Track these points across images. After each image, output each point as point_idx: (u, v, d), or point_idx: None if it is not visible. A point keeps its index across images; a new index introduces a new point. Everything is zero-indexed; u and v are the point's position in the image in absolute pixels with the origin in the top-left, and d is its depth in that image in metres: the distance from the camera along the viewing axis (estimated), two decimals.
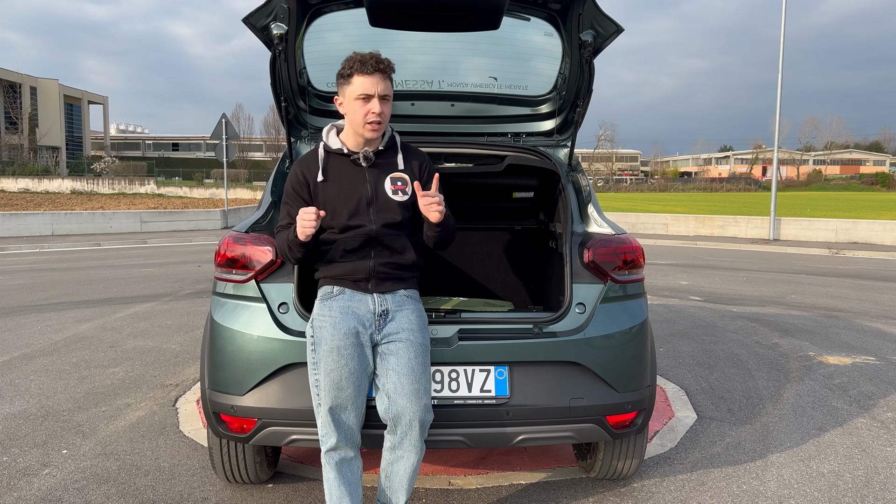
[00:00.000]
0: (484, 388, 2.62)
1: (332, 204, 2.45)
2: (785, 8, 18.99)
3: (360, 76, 2.34)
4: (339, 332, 2.39)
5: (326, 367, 2.37)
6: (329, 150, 2.52)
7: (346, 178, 2.48)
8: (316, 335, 2.43)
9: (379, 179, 2.49)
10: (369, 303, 2.45)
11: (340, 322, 2.40)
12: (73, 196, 37.62)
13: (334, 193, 2.47)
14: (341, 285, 2.47)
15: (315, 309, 2.49)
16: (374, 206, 2.46)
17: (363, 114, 2.36)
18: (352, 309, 2.43)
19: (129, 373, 5.13)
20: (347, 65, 2.37)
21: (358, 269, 2.46)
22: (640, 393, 2.78)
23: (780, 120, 20.68)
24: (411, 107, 3.55)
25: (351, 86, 2.36)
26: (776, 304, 8.58)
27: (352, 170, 2.49)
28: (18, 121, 53.83)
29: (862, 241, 18.68)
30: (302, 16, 3.03)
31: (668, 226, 22.70)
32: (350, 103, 2.39)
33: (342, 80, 2.39)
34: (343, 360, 2.37)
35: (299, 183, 2.50)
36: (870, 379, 5.13)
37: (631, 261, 2.88)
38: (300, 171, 2.51)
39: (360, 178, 2.48)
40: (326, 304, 2.46)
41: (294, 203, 2.49)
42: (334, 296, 2.46)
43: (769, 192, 23.34)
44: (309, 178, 2.49)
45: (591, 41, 2.90)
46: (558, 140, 3.53)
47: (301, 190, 2.49)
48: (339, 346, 2.38)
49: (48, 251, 15.53)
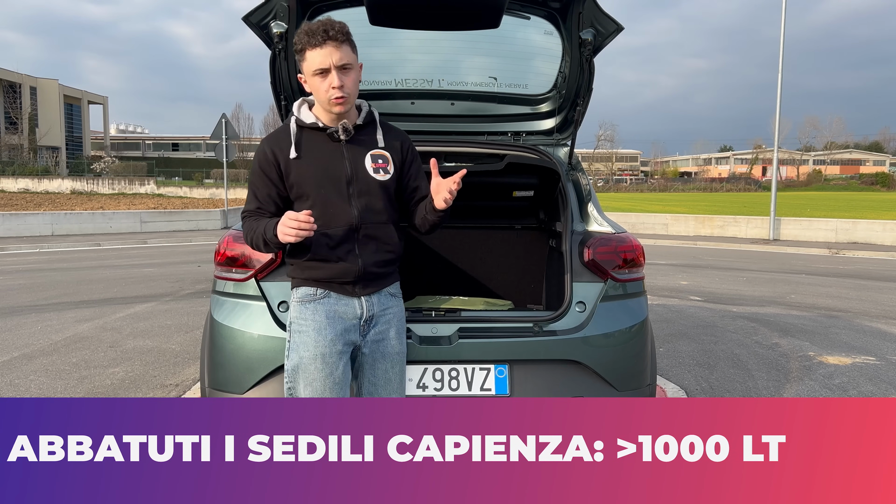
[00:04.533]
0: (484, 387, 2.62)
1: (305, 185, 2.25)
2: (785, 8, 18.99)
3: (312, 50, 2.15)
4: (325, 338, 2.24)
5: (308, 376, 2.23)
6: (302, 125, 2.29)
7: (323, 155, 2.27)
8: (295, 341, 2.28)
9: (358, 157, 2.30)
10: (356, 307, 2.31)
11: (326, 327, 2.25)
12: (73, 196, 37.64)
13: (309, 172, 2.25)
14: (326, 288, 2.29)
15: (294, 311, 2.31)
16: (353, 185, 2.27)
17: (325, 90, 2.18)
18: (338, 314, 2.29)
19: (129, 373, 5.13)
20: (298, 40, 2.17)
21: (347, 271, 2.28)
22: (640, 392, 2.78)
23: (780, 120, 20.70)
24: (411, 105, 3.55)
25: (306, 62, 2.17)
26: (776, 304, 8.58)
27: (328, 146, 2.28)
28: (18, 121, 53.83)
29: (862, 241, 18.68)
30: (302, 14, 3.03)
31: (668, 226, 22.70)
32: (311, 80, 2.20)
33: (299, 56, 2.20)
34: (328, 368, 2.24)
35: (268, 161, 2.26)
36: (870, 379, 5.12)
37: (631, 259, 2.88)
38: (269, 147, 2.28)
39: (337, 154, 2.28)
40: (309, 307, 2.28)
41: (262, 184, 2.28)
42: (318, 298, 2.29)
43: (769, 192, 23.35)
44: (279, 156, 2.26)
45: (591, 40, 2.90)
46: (558, 139, 3.53)
47: (270, 169, 2.26)
48: (324, 353, 2.24)
49: (48, 251, 15.52)
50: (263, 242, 2.21)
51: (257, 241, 2.23)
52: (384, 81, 3.49)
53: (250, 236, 2.26)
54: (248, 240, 2.27)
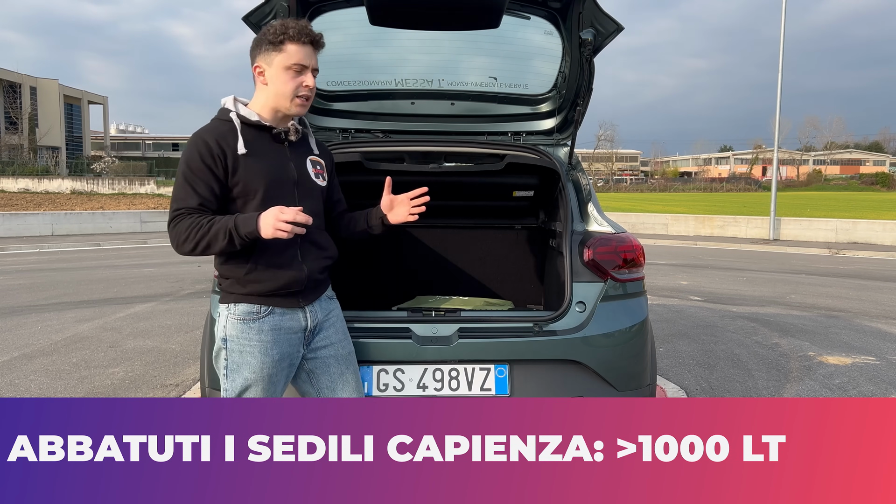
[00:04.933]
0: (484, 387, 2.62)
1: (254, 184, 2.11)
2: (785, 8, 19.00)
3: (295, 45, 2.10)
4: (272, 358, 2.15)
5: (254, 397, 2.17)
6: (247, 122, 2.15)
7: (270, 154, 2.18)
8: (234, 361, 2.15)
9: (301, 160, 2.26)
10: (301, 319, 2.23)
11: (272, 347, 2.15)
12: (73, 196, 37.62)
13: (258, 170, 2.12)
14: (269, 304, 2.16)
15: (232, 329, 2.16)
16: (298, 188, 2.21)
17: (294, 86, 2.12)
18: (283, 329, 2.18)
19: (129, 373, 5.13)
20: (278, 30, 2.10)
21: (294, 281, 2.17)
22: (640, 392, 2.78)
23: (780, 120, 20.71)
24: (411, 105, 3.55)
25: (283, 54, 2.10)
26: (776, 304, 8.58)
27: (272, 145, 2.19)
28: (18, 121, 53.81)
29: (862, 241, 18.68)
30: (302, 14, 3.03)
31: (668, 226, 22.71)
32: (279, 73, 2.12)
33: (270, 46, 2.11)
34: (274, 387, 2.18)
35: (213, 155, 2.07)
36: (870, 379, 5.12)
37: (631, 259, 2.88)
38: (213, 140, 2.09)
39: (283, 155, 2.21)
40: (253, 325, 2.14)
41: (204, 179, 2.07)
42: (262, 316, 2.15)
43: (769, 192, 23.36)
44: (227, 150, 2.09)
45: (591, 40, 2.90)
46: (558, 139, 3.53)
47: (215, 163, 2.07)
48: (270, 374, 2.16)
49: (48, 251, 15.52)
50: (227, 238, 2.00)
51: (214, 237, 2.01)
52: (384, 81, 3.50)
53: (199, 233, 2.01)
54: (194, 237, 2.02)
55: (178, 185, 2.08)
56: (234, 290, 2.16)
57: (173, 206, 2.07)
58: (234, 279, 2.15)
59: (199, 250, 2.03)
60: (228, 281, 2.17)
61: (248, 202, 2.13)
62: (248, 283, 2.14)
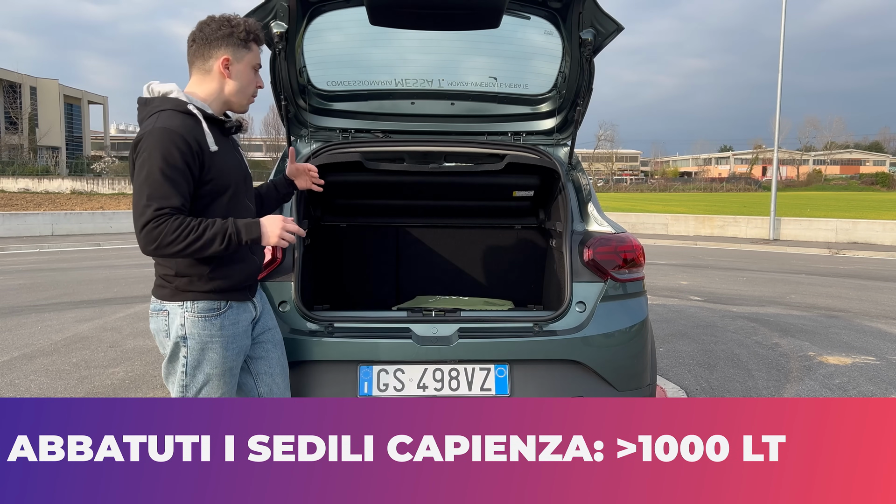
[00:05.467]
0: (484, 387, 2.62)
1: (224, 181, 2.11)
2: (785, 8, 19.00)
3: (259, 46, 2.21)
4: (232, 352, 2.18)
5: (213, 392, 2.17)
6: (205, 115, 2.13)
7: (229, 150, 2.20)
8: (195, 359, 2.14)
9: (243, 154, 2.33)
10: (252, 311, 2.28)
11: (232, 341, 2.18)
12: (73, 196, 37.63)
13: (228, 166, 2.13)
14: (227, 298, 2.17)
15: (193, 327, 2.13)
16: (246, 181, 2.26)
17: (254, 85, 2.22)
18: (240, 323, 2.21)
19: (129, 373, 5.13)
20: (249, 28, 2.14)
21: (249, 274, 2.22)
22: (640, 392, 2.78)
23: (780, 120, 20.71)
24: (411, 105, 3.55)
25: (252, 53, 2.17)
26: (776, 304, 8.58)
27: (225, 140, 2.20)
28: (18, 121, 53.82)
29: (862, 241, 18.68)
30: (302, 14, 3.03)
31: (668, 226, 22.71)
32: (246, 71, 2.17)
33: (241, 43, 2.14)
34: (233, 380, 2.22)
35: (192, 154, 2.01)
36: (870, 379, 5.12)
37: (631, 259, 2.88)
38: (191, 137, 2.01)
39: (235, 150, 2.27)
40: (214, 322, 2.14)
41: (185, 179, 2.00)
42: (222, 311, 2.15)
43: (769, 192, 23.36)
44: (203, 147, 2.05)
45: (592, 40, 2.90)
46: (558, 139, 3.53)
47: (194, 162, 2.02)
48: (231, 367, 2.19)
49: (48, 251, 15.53)
50: (225, 243, 2.00)
51: (210, 240, 1.98)
52: (384, 81, 3.50)
53: (191, 235, 1.96)
54: (185, 239, 1.95)
55: (156, 182, 1.95)
56: (194, 287, 2.12)
57: (153, 203, 1.94)
58: (195, 276, 2.11)
59: (186, 253, 1.98)
60: (186, 279, 2.11)
61: (217, 199, 2.11)
62: (210, 279, 2.12)
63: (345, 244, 4.13)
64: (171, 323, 2.15)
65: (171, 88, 2.10)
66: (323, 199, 3.89)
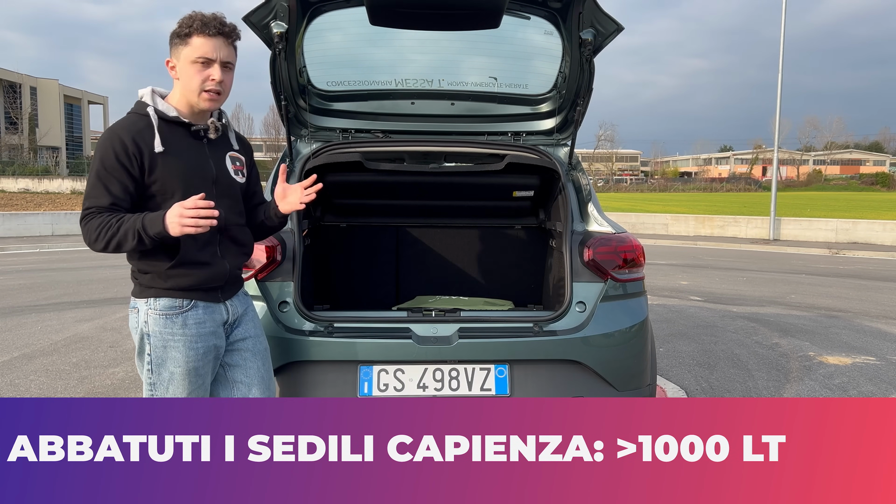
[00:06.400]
0: (484, 387, 2.62)
1: (172, 182, 2.09)
2: (785, 8, 19.00)
3: (201, 37, 2.08)
4: (196, 352, 2.14)
5: (180, 391, 2.15)
6: (164, 118, 2.12)
7: (188, 152, 2.15)
8: (158, 356, 2.13)
9: (220, 157, 2.25)
10: (222, 312, 2.24)
11: (197, 341, 2.15)
12: (74, 196, 37.60)
13: (177, 168, 2.10)
14: (191, 297, 2.15)
15: (154, 325, 2.12)
16: (217, 186, 2.20)
17: (200, 80, 2.10)
18: (207, 323, 2.18)
19: (129, 373, 5.13)
20: (186, 23, 2.09)
21: (215, 276, 2.18)
22: (640, 392, 2.79)
23: (780, 120, 20.71)
24: (411, 105, 3.55)
25: (188, 47, 2.09)
26: (776, 304, 8.58)
27: (190, 142, 2.17)
28: (18, 121, 53.81)
29: (862, 241, 18.68)
30: (302, 14, 3.03)
31: (668, 226, 22.71)
32: (186, 67, 2.10)
33: (178, 39, 2.10)
34: (200, 380, 2.17)
35: (128, 153, 2.03)
36: (870, 379, 5.12)
37: (631, 259, 2.88)
38: (129, 137, 2.04)
39: (202, 152, 2.19)
40: (176, 320, 2.12)
41: (118, 178, 2.03)
42: (185, 310, 2.14)
43: (769, 192, 23.36)
44: (143, 147, 2.05)
45: (592, 40, 2.90)
46: (558, 139, 3.53)
47: (130, 162, 2.03)
48: (196, 367, 2.15)
49: (48, 251, 15.53)
50: (136, 239, 1.99)
51: (123, 237, 1.99)
52: (384, 81, 3.50)
53: (108, 233, 1.99)
54: (104, 237, 2.00)
55: (91, 183, 2.04)
56: (155, 284, 2.13)
57: (85, 203, 2.04)
58: (155, 274, 2.12)
59: (110, 249, 2.02)
60: (148, 276, 2.13)
61: (167, 200, 2.09)
62: (170, 277, 2.11)
63: (345, 244, 4.14)
64: (139, 319, 2.16)
65: (145, 92, 2.16)
66: (323, 199, 3.89)
